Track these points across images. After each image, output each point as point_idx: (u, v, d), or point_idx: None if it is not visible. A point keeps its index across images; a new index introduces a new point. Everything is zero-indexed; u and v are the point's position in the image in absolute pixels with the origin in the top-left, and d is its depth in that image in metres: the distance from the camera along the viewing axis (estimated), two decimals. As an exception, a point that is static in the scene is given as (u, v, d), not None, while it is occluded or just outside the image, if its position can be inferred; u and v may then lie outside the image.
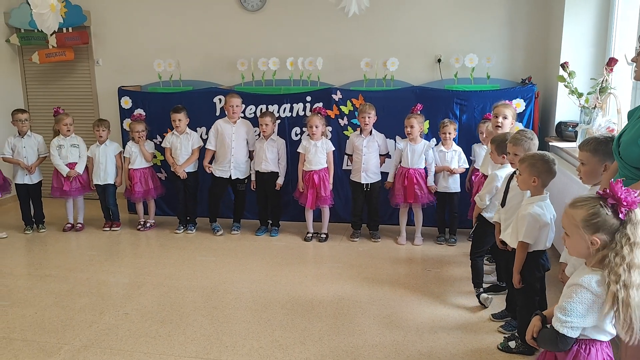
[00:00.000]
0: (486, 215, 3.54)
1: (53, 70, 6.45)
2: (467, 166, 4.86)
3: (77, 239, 5.19)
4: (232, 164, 5.13)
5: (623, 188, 1.70)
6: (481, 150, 4.61)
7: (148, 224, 5.45)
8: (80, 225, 5.43)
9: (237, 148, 5.12)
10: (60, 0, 5.96)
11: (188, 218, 5.38)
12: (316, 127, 4.85)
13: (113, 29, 6.22)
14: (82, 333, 3.26)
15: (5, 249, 4.89)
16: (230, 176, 5.15)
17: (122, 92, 5.68)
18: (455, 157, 4.79)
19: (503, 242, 3.16)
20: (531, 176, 2.78)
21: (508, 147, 3.19)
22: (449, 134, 4.75)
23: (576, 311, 1.72)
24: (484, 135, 4.42)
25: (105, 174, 5.34)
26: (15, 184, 5.29)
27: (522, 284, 2.92)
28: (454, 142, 4.83)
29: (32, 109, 6.54)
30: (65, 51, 6.12)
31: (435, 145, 4.92)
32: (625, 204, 1.68)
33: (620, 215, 1.69)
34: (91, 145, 5.38)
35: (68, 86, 6.50)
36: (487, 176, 3.71)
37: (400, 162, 4.84)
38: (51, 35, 5.89)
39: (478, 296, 3.64)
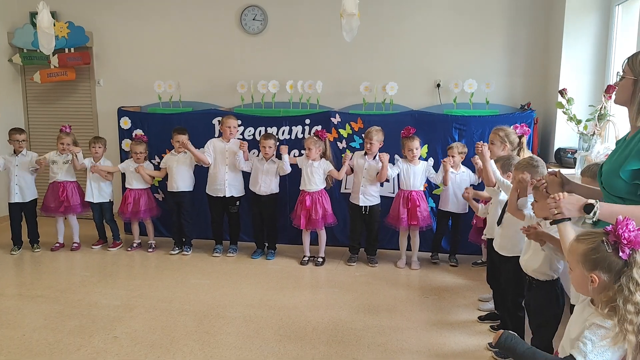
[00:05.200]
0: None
1: (54, 90, 6.47)
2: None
3: (72, 259, 5.13)
4: (227, 181, 5.11)
5: (630, 226, 1.54)
6: None
7: (152, 244, 5.39)
8: (76, 244, 5.38)
9: (231, 166, 5.11)
10: (64, 22, 6.06)
11: (183, 239, 5.33)
12: (309, 149, 4.86)
13: (115, 50, 6.25)
14: (70, 357, 3.19)
15: (-2, 268, 4.84)
16: (224, 195, 5.12)
17: (121, 112, 5.68)
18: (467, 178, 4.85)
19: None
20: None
21: (513, 172, 3.16)
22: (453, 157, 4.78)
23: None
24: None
25: (100, 192, 5.32)
26: (8, 203, 5.22)
27: (537, 318, 2.77)
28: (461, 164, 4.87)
29: (32, 127, 6.57)
30: (67, 71, 6.15)
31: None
32: (625, 242, 1.53)
33: (622, 255, 1.54)
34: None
35: (69, 106, 6.50)
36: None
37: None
38: (53, 55, 5.93)
39: None
